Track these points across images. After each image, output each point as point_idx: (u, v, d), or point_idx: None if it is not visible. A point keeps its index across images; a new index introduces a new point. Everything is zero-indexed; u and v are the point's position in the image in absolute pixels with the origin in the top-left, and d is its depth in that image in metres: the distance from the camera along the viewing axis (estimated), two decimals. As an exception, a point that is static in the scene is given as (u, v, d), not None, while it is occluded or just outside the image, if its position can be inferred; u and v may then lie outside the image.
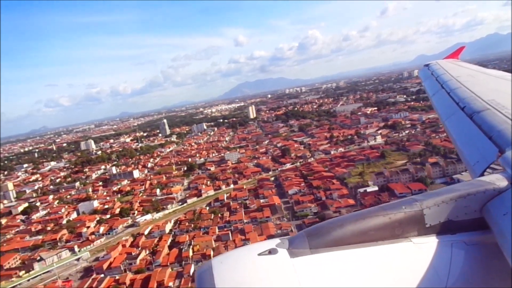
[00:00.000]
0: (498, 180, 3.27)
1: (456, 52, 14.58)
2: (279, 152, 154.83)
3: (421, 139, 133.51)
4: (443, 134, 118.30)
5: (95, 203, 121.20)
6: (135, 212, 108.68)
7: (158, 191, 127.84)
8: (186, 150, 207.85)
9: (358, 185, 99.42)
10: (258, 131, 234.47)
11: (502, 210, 2.95)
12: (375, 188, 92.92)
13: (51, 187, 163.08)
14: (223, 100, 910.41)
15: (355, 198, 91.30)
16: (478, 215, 3.12)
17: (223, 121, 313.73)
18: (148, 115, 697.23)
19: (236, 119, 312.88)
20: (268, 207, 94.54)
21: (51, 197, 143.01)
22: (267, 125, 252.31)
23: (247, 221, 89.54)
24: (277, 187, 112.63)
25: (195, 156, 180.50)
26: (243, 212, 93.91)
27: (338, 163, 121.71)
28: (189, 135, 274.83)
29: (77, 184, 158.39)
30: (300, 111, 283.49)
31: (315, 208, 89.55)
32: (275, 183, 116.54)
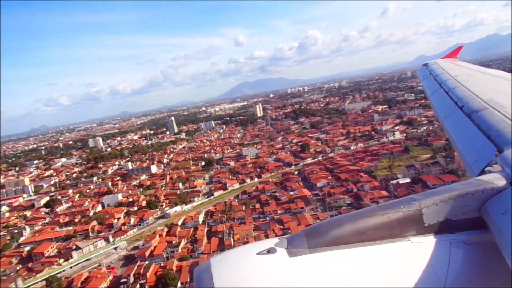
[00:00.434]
0: (496, 179, 3.25)
1: (454, 51, 14.50)
2: (297, 148, 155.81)
3: (442, 134, 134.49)
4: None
5: (119, 196, 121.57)
6: (163, 204, 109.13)
7: (180, 185, 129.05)
8: (198, 146, 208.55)
9: (388, 177, 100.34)
10: (269, 128, 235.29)
11: (501, 209, 2.94)
12: (407, 180, 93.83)
13: (68, 181, 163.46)
14: (224, 100, 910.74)
15: (387, 190, 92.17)
16: (477, 214, 3.11)
17: (230, 119, 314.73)
18: (149, 114, 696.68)
19: (243, 117, 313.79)
20: (300, 199, 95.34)
21: (70, 191, 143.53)
22: (276, 122, 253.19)
23: (281, 212, 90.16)
24: (302, 180, 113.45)
25: (210, 152, 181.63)
26: (275, 204, 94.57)
27: (361, 158, 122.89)
28: (198, 132, 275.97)
29: (94, 178, 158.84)
30: (308, 109, 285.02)
31: (348, 199, 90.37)
32: (300, 177, 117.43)
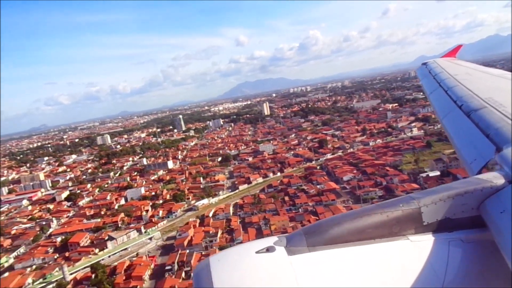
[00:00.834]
0: (495, 178, 3.25)
1: (453, 50, 14.43)
2: (314, 144, 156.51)
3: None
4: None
5: (142, 190, 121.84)
6: (189, 198, 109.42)
7: (201, 179, 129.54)
8: (211, 143, 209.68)
9: (415, 171, 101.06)
10: (279, 126, 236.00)
11: (499, 208, 2.94)
12: (436, 173, 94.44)
13: (84, 177, 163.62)
14: (224, 99, 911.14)
15: (417, 182, 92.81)
16: (475, 213, 3.11)
17: (238, 117, 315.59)
18: (151, 114, 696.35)
19: (250, 115, 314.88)
20: (328, 192, 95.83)
21: (89, 185, 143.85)
22: (286, 120, 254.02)
23: (312, 204, 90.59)
24: (327, 174, 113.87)
25: (224, 148, 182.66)
26: (305, 196, 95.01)
27: (384, 153, 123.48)
28: (207, 130, 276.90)
29: (111, 174, 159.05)
30: (316, 107, 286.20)
31: (379, 191, 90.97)
32: (323, 171, 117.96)
